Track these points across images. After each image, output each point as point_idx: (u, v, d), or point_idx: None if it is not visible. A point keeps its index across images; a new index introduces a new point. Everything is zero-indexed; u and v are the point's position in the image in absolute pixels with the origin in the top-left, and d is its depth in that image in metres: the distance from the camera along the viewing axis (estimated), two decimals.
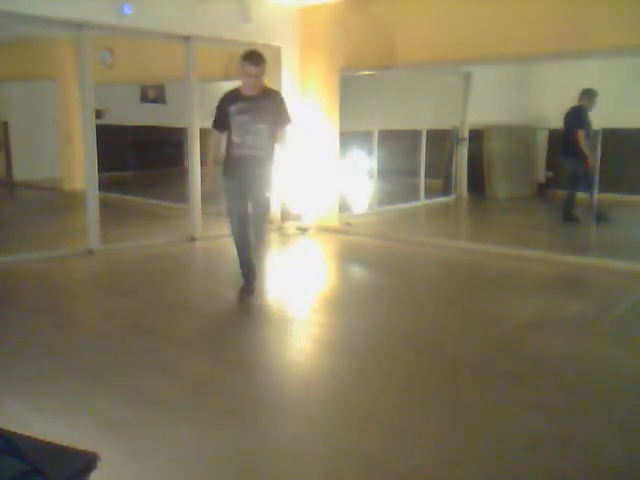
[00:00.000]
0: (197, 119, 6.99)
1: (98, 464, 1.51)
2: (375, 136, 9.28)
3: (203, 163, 5.38)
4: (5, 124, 11.53)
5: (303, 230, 7.62)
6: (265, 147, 4.70)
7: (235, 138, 4.68)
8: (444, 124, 10.23)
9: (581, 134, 7.39)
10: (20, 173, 11.63)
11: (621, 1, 5.60)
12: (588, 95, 7.51)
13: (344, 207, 8.24)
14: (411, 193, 9.72)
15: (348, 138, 8.28)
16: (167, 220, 8.48)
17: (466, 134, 10.13)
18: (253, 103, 4.62)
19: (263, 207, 4.83)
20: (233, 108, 4.64)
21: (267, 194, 4.83)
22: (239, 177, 4.72)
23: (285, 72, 7.68)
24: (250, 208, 4.78)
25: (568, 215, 7.94)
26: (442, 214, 9.73)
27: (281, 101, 4.79)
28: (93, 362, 3.66)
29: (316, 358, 3.93)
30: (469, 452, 2.70)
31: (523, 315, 4.59)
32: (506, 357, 3.81)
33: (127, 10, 6.09)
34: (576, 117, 7.53)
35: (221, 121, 4.71)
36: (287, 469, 2.57)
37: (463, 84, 9.96)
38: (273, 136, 4.72)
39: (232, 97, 4.70)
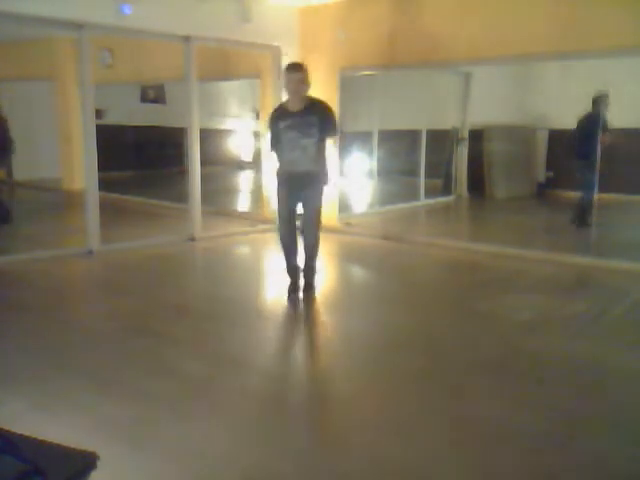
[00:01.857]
0: (197, 119, 6.99)
1: (97, 464, 1.52)
2: (375, 136, 9.28)
3: None
4: None
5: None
6: (312, 162, 4.79)
7: (284, 154, 4.84)
8: (444, 124, 10.23)
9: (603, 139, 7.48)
10: (20, 173, 11.62)
11: (621, 1, 5.60)
12: (605, 100, 7.51)
13: (344, 207, 8.23)
14: (411, 193, 9.72)
15: (348, 138, 8.27)
16: (167, 220, 8.48)
17: (466, 134, 10.12)
18: (299, 118, 4.72)
19: (312, 214, 4.92)
20: (282, 124, 4.77)
21: (317, 204, 4.91)
22: (289, 188, 4.87)
23: None
24: (301, 215, 4.97)
25: (586, 221, 7.85)
26: (442, 214, 9.74)
27: (326, 111, 4.85)
28: (93, 362, 3.66)
29: (316, 358, 3.93)
30: (469, 451, 2.70)
31: (524, 315, 4.59)
32: (507, 357, 3.81)
33: (127, 10, 6.10)
34: (597, 123, 7.54)
35: (276, 140, 4.86)
36: (288, 468, 2.57)
37: (463, 84, 9.96)
38: (321, 149, 4.82)
39: (280, 113, 4.85)
